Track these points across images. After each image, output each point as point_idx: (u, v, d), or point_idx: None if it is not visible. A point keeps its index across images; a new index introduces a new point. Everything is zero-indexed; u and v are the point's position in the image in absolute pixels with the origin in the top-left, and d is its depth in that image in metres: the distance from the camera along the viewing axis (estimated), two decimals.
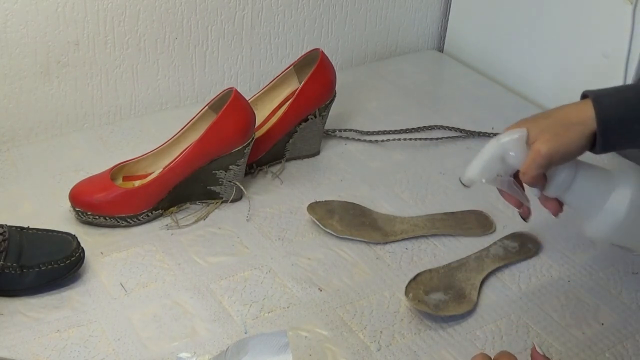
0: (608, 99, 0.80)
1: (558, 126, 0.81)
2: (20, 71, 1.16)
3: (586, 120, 0.79)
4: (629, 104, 0.79)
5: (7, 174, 1.13)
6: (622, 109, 0.79)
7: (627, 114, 0.79)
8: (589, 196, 0.84)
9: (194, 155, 1.04)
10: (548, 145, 0.80)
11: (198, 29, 1.29)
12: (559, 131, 0.80)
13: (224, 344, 0.86)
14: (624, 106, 0.79)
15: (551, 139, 0.80)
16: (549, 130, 0.81)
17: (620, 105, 0.79)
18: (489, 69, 1.48)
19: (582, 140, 0.80)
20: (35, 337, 0.86)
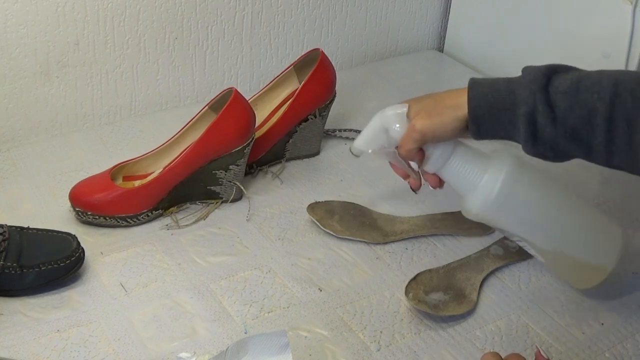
0: (481, 88, 0.83)
1: (436, 106, 0.86)
2: (20, 71, 1.17)
3: (460, 104, 0.84)
4: (499, 94, 0.82)
5: (7, 174, 1.13)
6: (491, 98, 0.82)
7: (495, 103, 0.82)
8: (464, 174, 0.88)
9: (194, 155, 1.04)
10: (422, 122, 0.85)
11: (198, 29, 1.29)
12: (435, 111, 0.85)
13: (224, 344, 0.86)
14: (494, 95, 0.82)
15: (426, 117, 0.85)
16: (426, 109, 0.86)
17: (492, 94, 0.82)
18: (489, 69, 1.48)
19: (455, 123, 0.84)
20: (35, 337, 0.86)
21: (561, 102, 0.79)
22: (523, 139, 0.81)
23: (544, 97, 0.79)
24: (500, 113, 0.82)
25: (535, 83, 0.80)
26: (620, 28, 1.20)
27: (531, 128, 0.80)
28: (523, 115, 0.80)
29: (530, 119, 0.80)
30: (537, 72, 0.81)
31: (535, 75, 0.80)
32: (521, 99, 0.80)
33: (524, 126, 0.80)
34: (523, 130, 0.80)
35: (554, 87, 0.79)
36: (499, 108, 0.82)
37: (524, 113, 0.80)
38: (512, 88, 0.82)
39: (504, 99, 0.82)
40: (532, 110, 0.79)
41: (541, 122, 0.79)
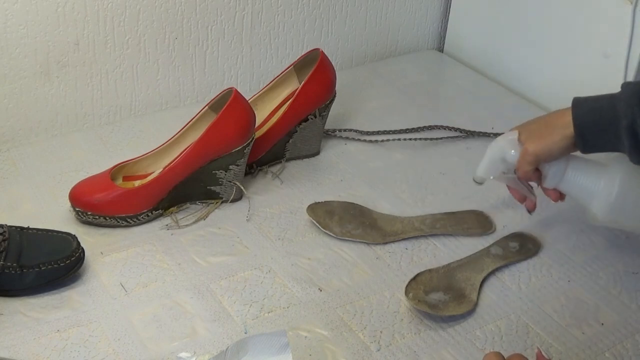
0: (585, 105, 0.89)
1: (543, 129, 0.92)
2: (20, 71, 1.17)
3: (566, 123, 0.90)
4: (601, 110, 0.87)
5: (7, 174, 1.13)
6: (594, 114, 0.88)
7: (598, 119, 0.87)
8: (582, 184, 0.94)
9: (194, 155, 1.04)
10: (534, 145, 0.92)
11: (198, 29, 1.29)
12: (544, 133, 0.92)
13: (224, 344, 0.86)
14: (597, 112, 0.87)
15: (536, 140, 0.92)
16: (535, 133, 0.93)
17: (594, 110, 0.88)
18: (489, 69, 1.48)
19: (565, 141, 0.90)
20: (35, 337, 0.86)
21: None
22: (628, 151, 0.86)
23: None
24: (604, 128, 0.87)
25: (633, 97, 0.85)
26: (620, 28, 1.20)
27: (633, 140, 0.84)
28: (625, 129, 0.84)
29: (631, 131, 0.84)
30: (634, 87, 0.86)
31: (633, 90, 0.85)
32: (621, 113, 0.85)
33: (627, 139, 0.85)
34: (627, 142, 0.85)
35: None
36: (602, 123, 0.87)
37: (625, 126, 0.84)
38: (613, 103, 0.86)
39: (606, 114, 0.87)
40: (632, 123, 0.84)
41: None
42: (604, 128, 0.87)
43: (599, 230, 1.07)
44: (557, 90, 1.35)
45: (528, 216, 1.08)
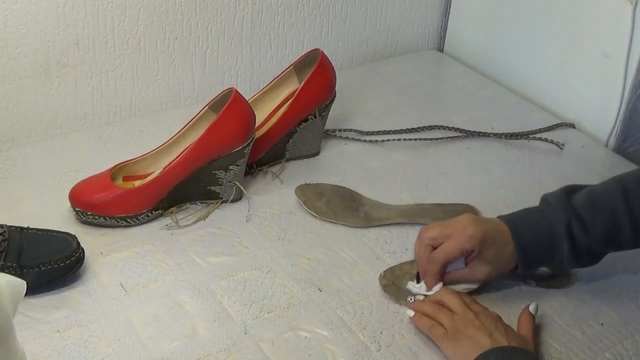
0: (521, 225, 0.92)
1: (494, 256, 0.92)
2: (20, 71, 1.17)
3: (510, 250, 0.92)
4: (536, 226, 0.91)
5: (7, 174, 1.13)
6: (534, 231, 0.91)
7: (537, 235, 0.91)
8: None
9: (194, 155, 1.04)
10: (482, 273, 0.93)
11: (198, 29, 1.29)
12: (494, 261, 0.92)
13: (224, 344, 0.86)
14: (534, 229, 0.91)
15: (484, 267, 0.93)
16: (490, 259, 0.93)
17: (531, 228, 0.91)
18: (489, 69, 1.48)
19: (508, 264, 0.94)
20: (35, 337, 0.86)
21: (586, 213, 0.90)
22: (567, 255, 0.90)
23: (573, 213, 0.90)
24: (544, 241, 0.91)
25: (561, 203, 0.91)
26: (620, 28, 1.20)
27: (571, 242, 0.90)
28: (563, 233, 0.89)
29: (568, 234, 0.89)
30: (558, 195, 0.92)
31: (559, 198, 0.91)
32: (557, 221, 0.90)
33: (566, 242, 0.90)
34: (566, 245, 0.90)
35: (574, 203, 0.91)
36: (541, 237, 0.91)
37: (563, 231, 0.89)
38: (546, 217, 0.91)
39: (543, 228, 0.91)
40: (568, 225, 0.89)
41: (577, 233, 0.89)
42: (543, 242, 0.90)
43: None
44: (557, 90, 1.35)
45: None
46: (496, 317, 0.86)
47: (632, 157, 1.23)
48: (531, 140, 1.26)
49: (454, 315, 0.86)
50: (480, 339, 0.82)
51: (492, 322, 0.84)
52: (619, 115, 1.24)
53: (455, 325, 0.85)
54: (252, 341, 0.87)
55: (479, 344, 0.82)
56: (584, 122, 1.31)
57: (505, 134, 1.27)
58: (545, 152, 1.24)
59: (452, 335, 0.84)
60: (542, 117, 1.34)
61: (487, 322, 0.84)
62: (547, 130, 1.29)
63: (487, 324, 0.84)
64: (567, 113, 1.34)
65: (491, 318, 0.85)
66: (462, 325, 0.84)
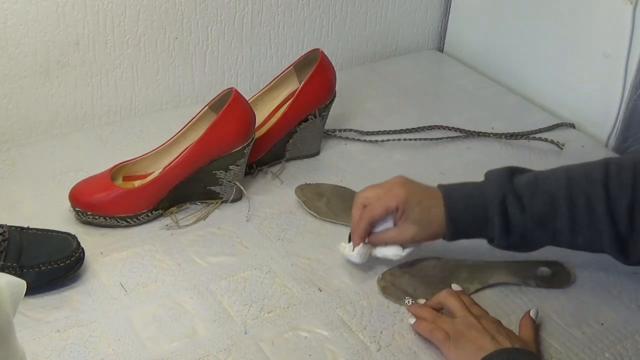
0: (454, 193, 0.92)
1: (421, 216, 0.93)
2: (20, 71, 1.17)
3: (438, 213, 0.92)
4: (472, 197, 0.91)
5: (7, 174, 1.13)
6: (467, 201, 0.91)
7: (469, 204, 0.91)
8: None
9: (194, 155, 1.04)
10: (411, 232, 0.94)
11: (198, 29, 1.29)
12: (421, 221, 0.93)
13: (224, 344, 0.86)
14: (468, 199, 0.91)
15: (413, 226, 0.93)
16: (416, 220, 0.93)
17: (465, 198, 0.91)
18: (489, 69, 1.48)
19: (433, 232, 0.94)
20: (35, 337, 0.86)
21: (525, 192, 0.89)
22: (497, 230, 0.89)
23: (511, 189, 0.89)
24: (475, 212, 0.90)
25: (500, 179, 0.90)
26: (620, 28, 1.20)
27: (504, 218, 0.89)
28: (497, 206, 0.89)
29: (502, 209, 0.89)
30: (500, 171, 0.92)
31: (500, 174, 0.91)
32: (492, 194, 0.90)
33: (497, 217, 0.89)
34: (497, 220, 0.89)
35: (516, 182, 0.90)
36: (472, 207, 0.90)
37: (497, 204, 0.89)
38: (481, 189, 0.91)
39: (477, 199, 0.91)
40: (503, 200, 0.89)
41: (511, 210, 0.89)
42: (475, 212, 0.90)
43: None
44: (557, 90, 1.35)
45: None
46: (497, 322, 0.86)
47: None
48: (531, 140, 1.26)
49: (455, 319, 0.86)
50: (482, 342, 0.82)
51: (493, 325, 0.85)
52: (619, 115, 1.24)
53: (457, 329, 0.85)
54: (252, 341, 0.87)
55: (482, 347, 0.81)
56: (584, 122, 1.31)
57: (505, 134, 1.27)
58: (545, 152, 1.24)
59: (454, 338, 0.84)
60: (542, 117, 1.34)
61: (489, 326, 0.84)
62: (547, 130, 1.29)
63: (488, 327, 0.84)
64: (567, 113, 1.34)
65: (492, 322, 0.85)
66: (464, 328, 0.84)
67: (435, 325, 0.87)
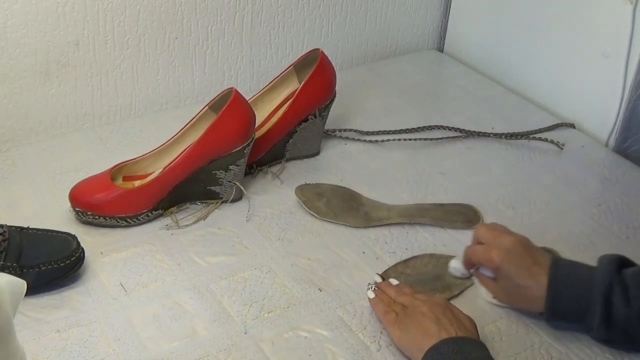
0: (563, 267, 0.87)
1: (514, 290, 0.90)
2: (20, 71, 1.17)
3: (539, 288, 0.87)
4: (578, 276, 0.86)
5: (7, 174, 1.13)
6: (572, 279, 0.86)
7: (574, 284, 0.86)
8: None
9: (194, 155, 1.04)
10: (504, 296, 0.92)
11: (198, 29, 1.29)
12: (514, 295, 0.90)
13: (224, 344, 0.86)
14: (574, 277, 0.86)
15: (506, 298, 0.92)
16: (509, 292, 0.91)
17: (571, 276, 0.86)
18: (489, 69, 1.48)
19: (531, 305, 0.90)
20: (35, 337, 0.86)
21: (632, 283, 0.83)
22: (598, 320, 0.84)
23: (619, 279, 0.83)
24: (578, 293, 0.85)
25: (611, 266, 0.85)
26: (620, 28, 1.20)
27: (606, 308, 0.83)
28: (600, 294, 0.83)
29: (606, 298, 0.83)
30: (611, 258, 0.86)
31: (611, 260, 0.85)
32: (599, 279, 0.84)
33: (600, 306, 0.83)
34: (599, 310, 0.83)
35: (624, 272, 0.84)
36: (577, 288, 0.85)
37: (602, 292, 0.83)
38: (590, 271, 0.86)
39: (583, 279, 0.85)
40: (609, 290, 0.83)
41: (616, 302, 0.83)
42: (578, 293, 0.85)
43: (599, 231, 1.07)
44: (557, 90, 1.35)
45: (529, 216, 1.08)
46: (443, 304, 0.86)
47: (632, 157, 1.23)
48: (531, 140, 1.26)
49: (405, 305, 0.88)
50: (426, 325, 0.83)
51: (439, 308, 0.85)
52: (619, 115, 1.24)
53: (405, 312, 0.86)
54: (252, 341, 0.87)
55: (425, 330, 0.82)
56: (584, 122, 1.31)
57: (505, 134, 1.27)
58: (545, 152, 1.24)
59: (399, 321, 0.86)
60: (542, 117, 1.34)
61: (435, 309, 0.84)
62: (547, 130, 1.29)
63: (434, 311, 0.84)
64: (567, 113, 1.34)
65: (438, 305, 0.86)
66: (410, 311, 0.86)
67: (390, 308, 0.88)
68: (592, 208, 1.11)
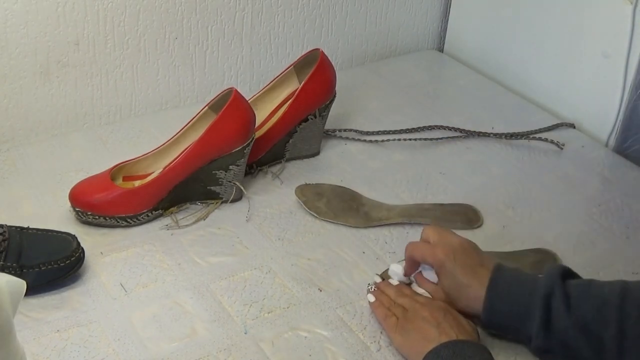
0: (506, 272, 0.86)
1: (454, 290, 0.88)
2: (20, 71, 1.17)
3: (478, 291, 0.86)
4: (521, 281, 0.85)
5: (7, 174, 1.13)
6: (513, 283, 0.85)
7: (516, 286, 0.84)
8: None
9: (194, 155, 1.04)
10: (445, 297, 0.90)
11: (198, 29, 1.29)
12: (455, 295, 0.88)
13: (224, 344, 0.86)
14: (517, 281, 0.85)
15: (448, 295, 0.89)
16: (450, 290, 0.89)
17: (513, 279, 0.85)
18: (489, 69, 1.48)
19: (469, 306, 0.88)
20: (35, 337, 0.86)
21: (575, 292, 0.81)
22: (537, 326, 0.81)
23: (561, 285, 0.82)
24: (520, 294, 0.83)
25: (555, 273, 0.83)
26: (620, 28, 1.20)
27: (546, 313, 0.81)
28: (541, 298, 0.81)
29: (547, 302, 0.81)
30: (558, 267, 0.85)
31: (557, 269, 0.84)
32: (541, 284, 0.83)
33: (540, 310, 0.81)
34: (538, 315, 0.81)
35: (569, 281, 0.83)
36: (519, 289, 0.84)
37: (543, 296, 0.81)
38: (534, 277, 0.85)
39: (526, 283, 0.84)
40: (550, 294, 0.81)
41: (556, 307, 0.81)
42: (519, 296, 0.83)
43: (599, 231, 1.07)
44: (557, 90, 1.35)
45: (529, 216, 1.08)
46: (444, 308, 0.86)
47: (632, 157, 1.23)
48: (531, 140, 1.26)
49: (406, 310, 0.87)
50: (427, 331, 0.83)
51: (440, 313, 0.85)
52: (619, 115, 1.24)
53: (405, 316, 0.86)
54: (252, 341, 0.87)
55: (427, 336, 0.82)
56: (584, 122, 1.31)
57: (505, 134, 1.27)
58: (545, 152, 1.24)
59: (400, 326, 0.85)
60: (542, 117, 1.34)
61: (436, 313, 0.84)
62: (547, 130, 1.29)
63: (435, 315, 0.84)
64: (567, 113, 1.34)
65: (439, 309, 0.86)
66: (411, 316, 0.85)
67: (390, 312, 0.88)
68: (592, 208, 1.12)
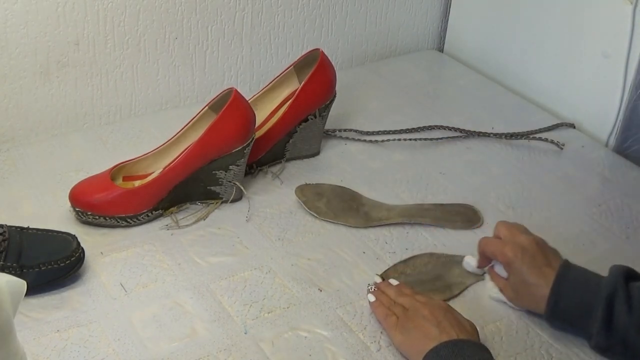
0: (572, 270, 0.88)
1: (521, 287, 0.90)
2: (20, 71, 1.17)
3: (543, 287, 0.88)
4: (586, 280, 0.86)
5: (7, 174, 1.13)
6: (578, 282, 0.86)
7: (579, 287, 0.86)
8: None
9: (194, 155, 1.04)
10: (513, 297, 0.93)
11: (198, 29, 1.29)
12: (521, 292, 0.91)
13: (224, 344, 0.86)
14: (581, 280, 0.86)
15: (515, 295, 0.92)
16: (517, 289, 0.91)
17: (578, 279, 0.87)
18: (489, 69, 1.48)
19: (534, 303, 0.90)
20: (35, 337, 0.86)
21: (638, 294, 0.83)
22: (598, 325, 0.83)
23: (624, 287, 0.83)
24: (583, 294, 0.85)
25: (619, 275, 0.84)
26: (620, 28, 1.20)
27: (608, 313, 0.83)
28: (603, 299, 0.83)
29: (609, 303, 0.82)
30: (621, 268, 0.86)
31: (620, 270, 0.85)
32: (604, 284, 0.84)
33: (602, 310, 0.83)
34: (600, 314, 0.83)
35: (632, 283, 0.84)
36: (581, 290, 0.85)
37: (605, 296, 0.83)
38: (598, 277, 0.86)
39: (590, 283, 0.86)
40: (612, 295, 0.83)
41: (618, 308, 0.82)
42: (582, 296, 0.85)
43: (599, 231, 1.07)
44: (557, 90, 1.35)
45: (529, 216, 1.08)
46: (445, 307, 0.86)
47: (632, 157, 1.23)
48: (531, 140, 1.26)
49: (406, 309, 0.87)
50: (428, 329, 0.83)
51: (440, 311, 0.85)
52: (619, 115, 1.24)
53: (406, 315, 0.86)
54: (252, 341, 0.87)
55: (427, 334, 0.82)
56: (584, 122, 1.31)
57: (505, 134, 1.27)
58: (545, 152, 1.24)
59: (400, 325, 0.85)
60: (542, 117, 1.34)
61: (436, 312, 0.85)
62: (547, 130, 1.29)
63: (436, 314, 0.84)
64: (567, 113, 1.34)
65: (439, 308, 0.86)
66: (412, 314, 0.86)
67: (390, 311, 0.88)
68: (592, 208, 1.12)
